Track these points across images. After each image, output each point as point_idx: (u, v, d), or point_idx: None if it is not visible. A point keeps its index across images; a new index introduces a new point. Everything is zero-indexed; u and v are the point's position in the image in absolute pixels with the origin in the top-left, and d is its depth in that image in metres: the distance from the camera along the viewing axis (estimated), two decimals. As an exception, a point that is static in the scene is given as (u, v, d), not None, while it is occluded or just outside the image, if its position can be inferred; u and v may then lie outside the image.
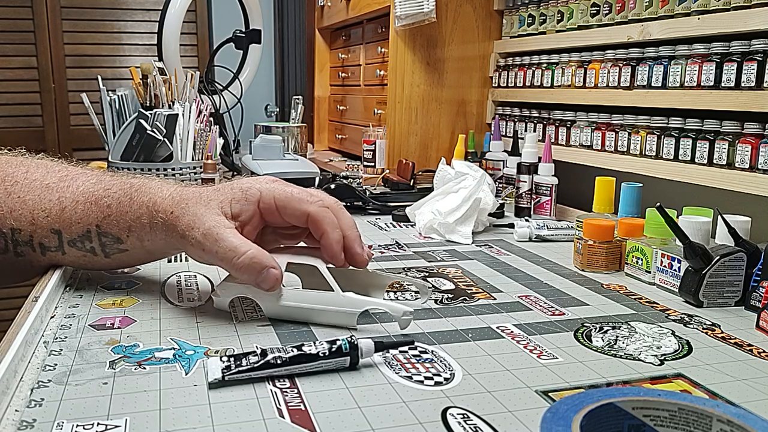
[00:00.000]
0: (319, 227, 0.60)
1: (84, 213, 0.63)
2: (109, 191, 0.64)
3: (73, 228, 0.64)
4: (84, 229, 0.64)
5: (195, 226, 0.58)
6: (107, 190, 0.64)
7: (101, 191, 0.64)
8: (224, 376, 0.46)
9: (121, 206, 0.62)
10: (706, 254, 0.66)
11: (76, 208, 0.64)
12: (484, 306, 0.65)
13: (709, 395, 0.47)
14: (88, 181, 0.65)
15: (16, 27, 2.35)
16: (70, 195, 0.64)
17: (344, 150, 1.90)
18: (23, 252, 0.65)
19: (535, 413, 0.43)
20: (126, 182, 0.65)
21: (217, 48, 1.83)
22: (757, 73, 0.81)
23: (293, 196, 0.60)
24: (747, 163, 0.83)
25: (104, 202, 0.63)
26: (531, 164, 1.09)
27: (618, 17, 1.04)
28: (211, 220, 0.58)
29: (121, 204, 0.63)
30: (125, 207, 0.62)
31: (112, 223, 0.63)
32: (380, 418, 0.42)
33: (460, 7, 1.38)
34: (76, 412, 0.42)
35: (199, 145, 1.17)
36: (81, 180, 0.66)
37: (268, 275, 0.57)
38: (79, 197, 0.64)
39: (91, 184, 0.65)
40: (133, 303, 0.63)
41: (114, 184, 0.65)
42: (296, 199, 0.60)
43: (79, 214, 0.64)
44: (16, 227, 0.64)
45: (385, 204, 1.13)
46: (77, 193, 0.64)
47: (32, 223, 0.64)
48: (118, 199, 0.63)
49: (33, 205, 0.64)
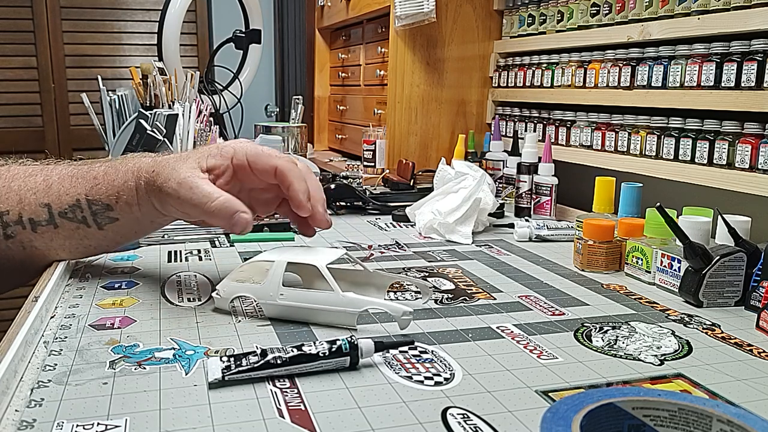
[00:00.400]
0: (286, 179, 0.62)
1: (71, 185, 0.66)
2: (93, 166, 0.68)
3: (62, 199, 0.66)
4: (73, 200, 0.66)
5: (172, 177, 0.62)
6: (91, 167, 0.68)
7: (86, 168, 0.68)
8: (224, 376, 0.46)
9: (107, 176, 0.66)
10: (706, 254, 0.66)
11: (62, 182, 0.67)
12: (484, 306, 0.65)
13: (709, 395, 0.47)
14: (70, 165, 0.69)
15: (16, 27, 2.35)
16: (55, 175, 0.68)
17: (344, 150, 1.90)
18: (13, 232, 0.66)
19: (535, 413, 0.43)
20: (110, 159, 0.70)
21: (217, 48, 1.84)
22: (757, 73, 0.81)
23: (263, 152, 0.64)
24: (747, 163, 0.83)
25: (90, 175, 0.67)
26: (531, 164, 1.09)
27: (618, 17, 1.04)
28: (187, 171, 0.62)
29: (107, 174, 0.66)
30: (111, 176, 0.66)
31: (101, 190, 0.66)
32: (380, 418, 0.42)
33: (460, 7, 1.38)
34: (76, 412, 0.42)
35: (199, 145, 1.17)
36: (63, 165, 0.69)
37: (239, 218, 0.60)
38: (65, 175, 0.67)
39: (75, 166, 0.69)
40: (133, 303, 0.63)
41: (98, 162, 0.69)
42: (266, 155, 0.64)
43: (67, 187, 0.66)
44: (4, 209, 0.66)
45: (385, 204, 1.13)
46: (62, 173, 0.68)
47: (20, 201, 0.66)
48: (104, 171, 0.67)
49: (18, 188, 0.67)
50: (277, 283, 0.58)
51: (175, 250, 0.84)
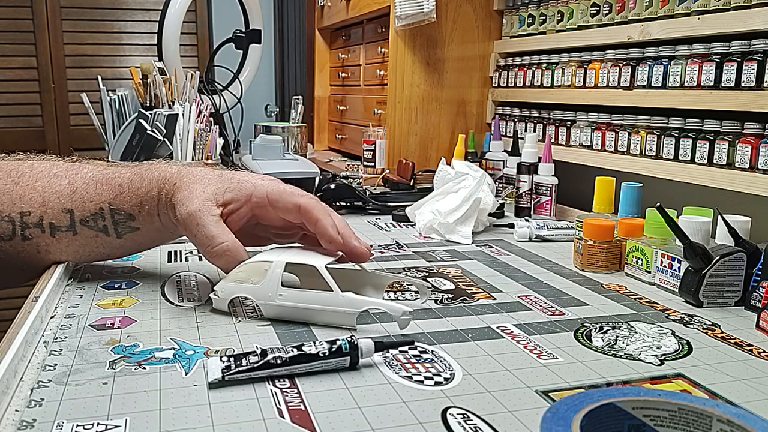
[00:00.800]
0: (312, 215, 0.61)
1: (96, 192, 0.65)
2: (119, 172, 0.66)
3: (85, 206, 0.65)
4: (97, 208, 0.65)
5: (185, 203, 0.61)
6: (117, 172, 0.66)
7: (111, 173, 0.66)
8: (224, 376, 0.46)
9: (132, 184, 0.65)
10: (706, 254, 0.66)
11: (87, 189, 0.65)
12: (484, 306, 0.65)
13: (709, 395, 0.47)
14: (96, 168, 0.68)
15: (16, 27, 2.34)
16: (80, 179, 0.66)
17: (344, 150, 1.90)
18: (31, 234, 0.65)
19: (535, 413, 0.43)
20: (135, 165, 0.67)
21: (217, 48, 1.83)
22: (757, 73, 0.81)
23: (285, 191, 0.62)
24: (747, 163, 0.83)
25: (116, 182, 0.65)
26: (531, 164, 1.09)
27: (618, 17, 1.04)
28: (200, 203, 0.60)
29: (132, 182, 0.65)
30: (136, 184, 0.65)
31: (125, 200, 0.65)
32: (380, 418, 0.42)
33: (460, 7, 1.38)
34: (76, 412, 0.42)
35: (199, 145, 1.17)
36: (89, 168, 0.68)
37: None
38: (90, 180, 0.66)
39: (101, 170, 0.67)
40: (133, 303, 0.63)
41: (123, 167, 0.67)
42: (288, 193, 0.62)
43: (91, 194, 0.65)
44: (26, 210, 0.65)
45: (385, 204, 1.13)
46: (87, 177, 0.66)
47: (43, 204, 0.65)
48: (129, 178, 0.65)
49: (43, 190, 0.65)
50: (276, 284, 0.58)
51: (175, 250, 0.84)
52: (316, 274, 0.60)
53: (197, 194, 0.61)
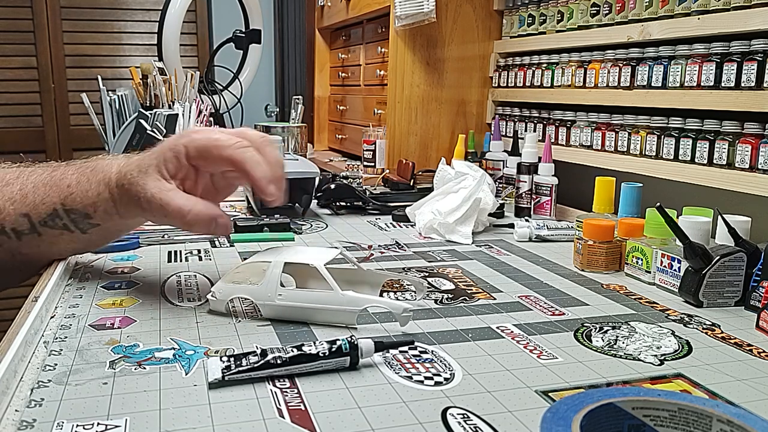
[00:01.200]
0: (242, 169, 0.60)
1: (46, 194, 0.66)
2: (66, 173, 0.67)
3: (39, 209, 0.66)
4: (50, 209, 0.66)
5: (142, 194, 0.61)
6: (64, 173, 0.67)
7: (59, 175, 0.67)
8: (224, 376, 0.46)
9: (81, 185, 0.65)
10: (706, 254, 0.66)
11: (37, 191, 0.66)
12: (484, 306, 0.65)
13: (709, 395, 0.47)
14: (44, 171, 0.68)
15: (16, 27, 2.35)
16: (30, 183, 0.67)
17: (344, 150, 1.90)
18: (1, 242, 0.67)
19: (535, 413, 0.43)
20: (80, 165, 0.68)
21: (217, 48, 1.84)
22: (757, 73, 0.81)
23: (212, 144, 0.61)
24: (747, 163, 0.83)
25: (64, 183, 0.66)
26: (531, 164, 1.09)
27: (618, 17, 1.04)
28: (153, 186, 0.61)
29: (80, 183, 0.65)
30: (85, 185, 0.65)
31: (76, 200, 0.65)
32: (380, 418, 0.42)
33: (460, 7, 1.38)
34: (76, 412, 0.42)
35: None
36: (38, 171, 0.69)
37: (218, 224, 0.60)
38: (38, 183, 0.67)
39: (49, 171, 0.68)
40: (133, 303, 0.63)
41: (70, 168, 0.68)
42: (214, 146, 0.61)
43: (42, 197, 0.66)
44: None
45: (385, 204, 1.13)
46: (36, 181, 0.67)
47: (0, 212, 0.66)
48: (77, 179, 0.66)
49: None
50: (276, 284, 0.58)
51: (175, 250, 0.84)
52: (311, 274, 0.60)
53: (146, 182, 0.61)
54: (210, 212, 0.60)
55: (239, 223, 0.92)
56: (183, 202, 0.60)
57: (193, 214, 0.59)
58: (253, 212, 1.07)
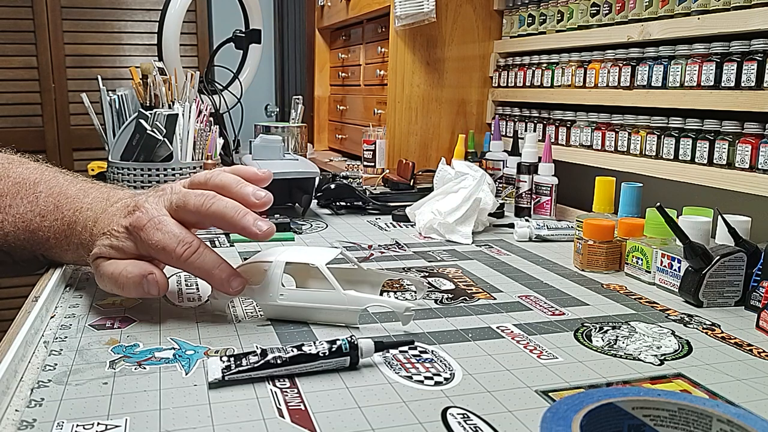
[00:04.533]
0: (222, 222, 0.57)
1: (26, 241, 0.67)
2: (44, 223, 0.65)
3: (20, 253, 0.68)
4: (30, 255, 0.68)
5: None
6: (42, 219, 0.65)
7: (38, 220, 0.66)
8: (224, 376, 0.46)
9: (59, 243, 0.65)
10: (706, 254, 0.66)
11: (17, 235, 0.66)
12: (484, 306, 0.65)
13: (709, 395, 0.47)
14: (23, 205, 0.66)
15: (16, 27, 2.34)
16: (10, 220, 0.66)
17: (344, 150, 1.90)
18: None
19: (535, 413, 0.43)
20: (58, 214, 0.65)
21: (217, 48, 1.83)
22: (757, 73, 0.81)
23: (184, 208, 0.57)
24: (747, 163, 0.83)
25: (42, 235, 0.66)
26: (531, 164, 1.09)
27: (618, 17, 1.04)
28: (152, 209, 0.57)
29: (59, 240, 0.65)
30: (64, 244, 0.65)
31: (55, 254, 0.67)
32: (380, 418, 0.42)
33: (460, 7, 1.38)
34: (76, 412, 0.42)
35: (199, 145, 1.17)
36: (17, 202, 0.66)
37: (149, 283, 0.56)
38: (19, 224, 0.66)
39: (28, 210, 0.66)
40: (133, 303, 0.63)
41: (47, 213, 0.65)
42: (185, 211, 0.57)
43: (22, 243, 0.67)
44: None
45: (385, 204, 1.13)
46: (16, 219, 0.66)
47: None
48: (55, 233, 0.65)
49: None
50: (277, 284, 0.58)
51: (175, 250, 0.84)
52: (310, 273, 0.60)
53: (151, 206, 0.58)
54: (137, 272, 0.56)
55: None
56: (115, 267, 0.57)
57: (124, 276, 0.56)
58: (253, 212, 1.07)
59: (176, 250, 0.56)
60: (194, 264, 0.56)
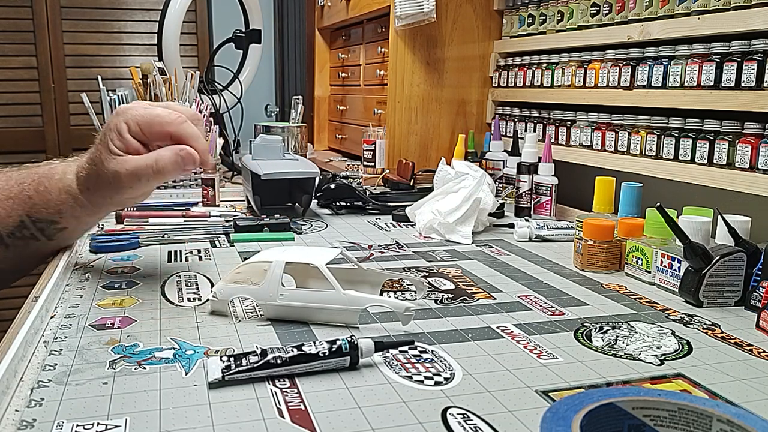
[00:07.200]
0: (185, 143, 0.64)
1: (11, 207, 0.68)
2: (23, 185, 0.69)
3: (7, 221, 0.68)
4: (18, 221, 0.68)
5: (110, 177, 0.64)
6: (21, 184, 0.69)
7: (16, 187, 0.69)
8: (224, 376, 0.46)
9: (41, 195, 0.68)
10: (706, 254, 0.66)
11: (2, 205, 0.68)
12: (484, 306, 0.65)
13: (709, 395, 0.47)
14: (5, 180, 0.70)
15: (16, 27, 2.34)
16: None
17: (344, 150, 1.90)
18: None
19: (535, 413, 0.43)
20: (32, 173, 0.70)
21: (217, 48, 1.83)
22: (757, 73, 0.81)
23: (154, 119, 0.64)
24: (747, 163, 0.83)
25: (24, 195, 0.68)
26: (531, 164, 1.09)
27: (618, 17, 1.04)
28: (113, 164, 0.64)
29: (40, 193, 0.68)
30: (45, 195, 0.68)
31: (41, 210, 0.68)
32: (380, 418, 0.42)
33: (460, 7, 1.38)
34: (76, 412, 0.42)
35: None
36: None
37: (186, 155, 0.63)
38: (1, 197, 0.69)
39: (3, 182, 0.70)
40: (133, 303, 0.63)
41: (24, 178, 0.70)
42: (156, 122, 0.64)
43: (8, 210, 0.68)
44: None
45: (385, 204, 1.13)
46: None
47: None
48: (35, 188, 0.68)
49: None
50: (277, 284, 0.58)
51: (175, 250, 0.84)
52: (310, 273, 0.60)
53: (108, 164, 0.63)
54: (172, 151, 0.63)
55: (239, 223, 0.92)
56: (143, 160, 0.63)
57: (161, 161, 0.62)
58: (253, 212, 1.07)
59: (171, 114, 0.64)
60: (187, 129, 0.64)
